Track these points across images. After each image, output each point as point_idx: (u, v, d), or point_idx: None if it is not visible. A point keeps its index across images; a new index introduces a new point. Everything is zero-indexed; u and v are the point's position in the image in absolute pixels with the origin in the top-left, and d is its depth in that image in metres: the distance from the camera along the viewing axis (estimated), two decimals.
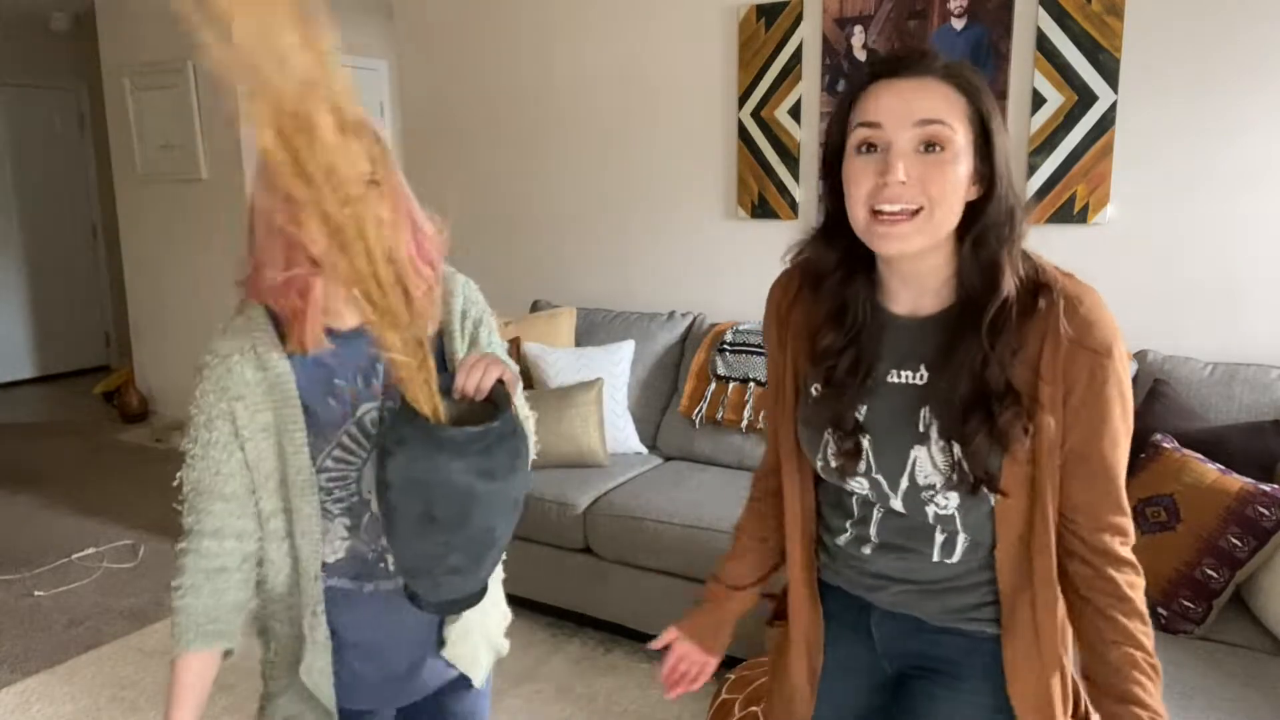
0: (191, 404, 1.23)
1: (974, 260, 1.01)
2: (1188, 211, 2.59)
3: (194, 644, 1.22)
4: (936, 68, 0.99)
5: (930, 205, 0.96)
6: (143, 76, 5.13)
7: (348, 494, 1.25)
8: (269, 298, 1.20)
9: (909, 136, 0.96)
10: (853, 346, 1.08)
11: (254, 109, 0.96)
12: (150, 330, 5.60)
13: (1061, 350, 1.00)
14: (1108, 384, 1.01)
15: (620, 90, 3.53)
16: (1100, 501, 1.03)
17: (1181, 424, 2.25)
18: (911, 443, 1.05)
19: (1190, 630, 1.92)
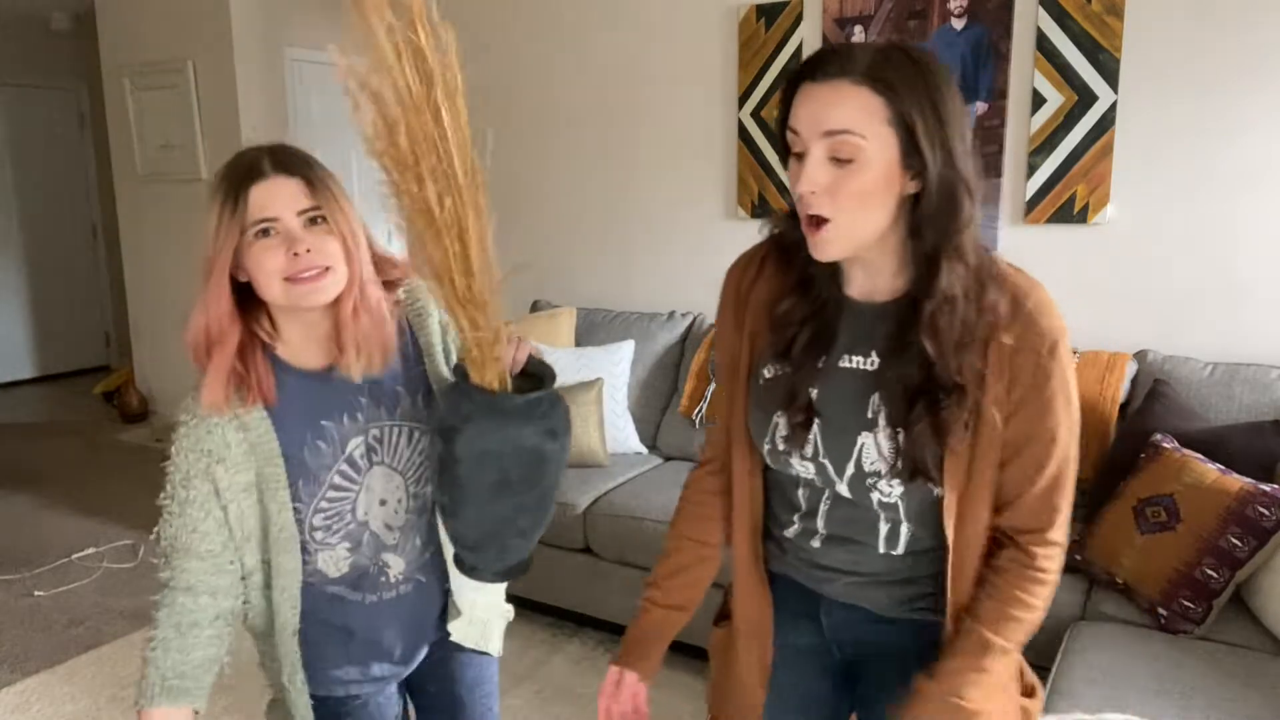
0: (169, 459, 1.22)
1: (916, 253, 1.01)
2: (1188, 211, 2.59)
3: (157, 700, 1.19)
4: (853, 70, 0.94)
5: (835, 215, 0.97)
6: (143, 76, 5.13)
7: (344, 524, 1.25)
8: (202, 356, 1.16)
9: (820, 146, 0.95)
10: (814, 321, 1.09)
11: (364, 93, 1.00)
12: (150, 330, 5.60)
13: (1007, 345, 1.00)
14: (1051, 379, 1.01)
15: (620, 90, 3.53)
16: (1036, 498, 1.05)
17: (1181, 424, 2.25)
18: (859, 429, 1.06)
19: (1190, 630, 1.92)
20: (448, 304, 1.05)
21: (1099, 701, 1.67)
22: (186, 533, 1.20)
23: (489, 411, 1.07)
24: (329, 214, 1.14)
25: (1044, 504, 1.05)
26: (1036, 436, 1.03)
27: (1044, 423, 1.02)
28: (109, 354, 6.99)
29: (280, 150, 1.15)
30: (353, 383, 1.22)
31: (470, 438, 1.06)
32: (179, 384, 5.45)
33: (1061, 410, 1.03)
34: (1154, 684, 1.73)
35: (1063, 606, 2.08)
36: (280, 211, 1.11)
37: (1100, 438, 2.45)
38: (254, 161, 1.13)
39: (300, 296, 1.13)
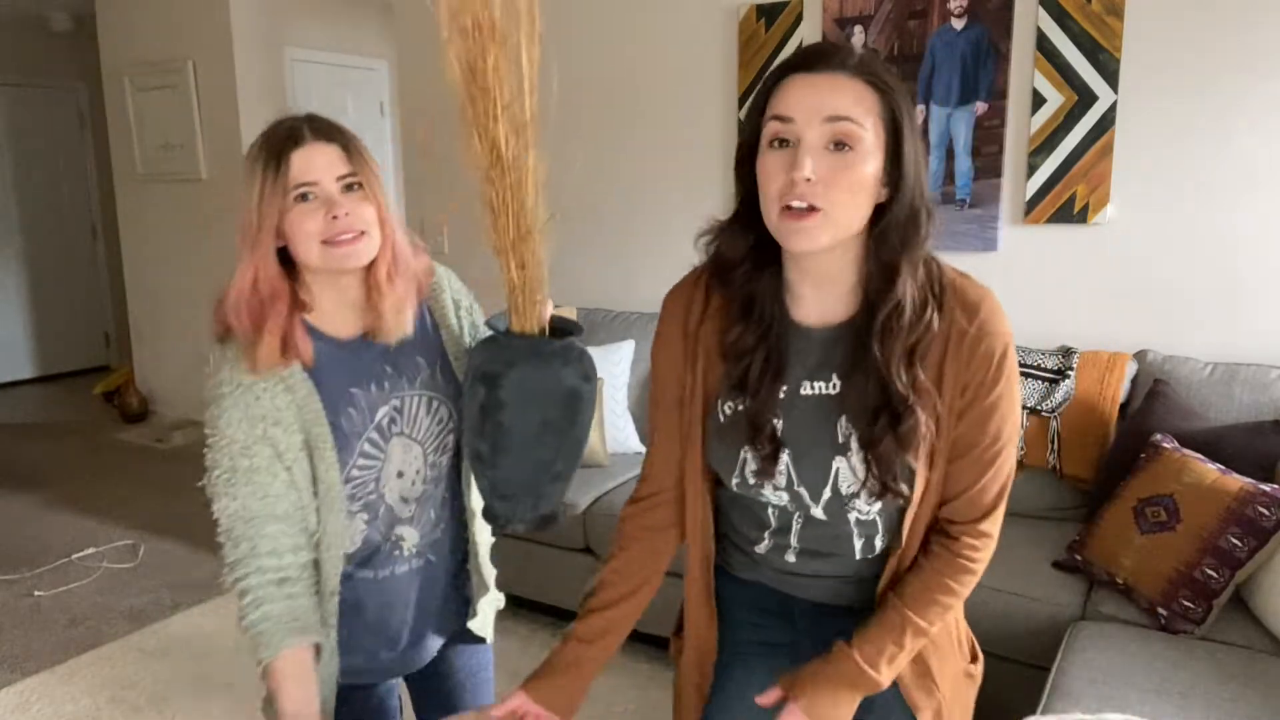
0: (211, 433, 1.20)
1: (876, 261, 1.01)
2: (1188, 211, 2.59)
3: (284, 642, 1.15)
4: (851, 64, 0.96)
5: (830, 206, 0.95)
6: (143, 76, 5.14)
7: (367, 493, 1.27)
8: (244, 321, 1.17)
9: (819, 133, 0.95)
10: (764, 345, 1.07)
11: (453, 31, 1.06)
12: (150, 330, 5.60)
13: (962, 353, 1.02)
14: (999, 383, 1.03)
15: (620, 90, 3.53)
16: (978, 493, 1.08)
17: (1181, 424, 2.25)
18: (833, 454, 1.06)
19: (1190, 630, 1.92)
20: (500, 243, 1.12)
21: (1099, 701, 1.67)
22: (257, 500, 1.18)
23: (532, 354, 1.13)
24: (364, 180, 1.18)
25: (983, 499, 1.08)
26: (983, 437, 1.05)
27: (991, 424, 1.04)
28: (109, 354, 6.99)
29: (317, 118, 1.19)
30: (379, 352, 1.25)
31: (515, 381, 1.12)
32: (179, 384, 5.46)
33: (1007, 412, 1.05)
34: (1154, 684, 1.73)
35: (1063, 607, 2.09)
36: (320, 176, 1.15)
37: (1100, 438, 2.45)
38: (293, 128, 1.16)
39: (337, 259, 1.16)
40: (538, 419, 1.14)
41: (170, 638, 2.90)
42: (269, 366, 1.16)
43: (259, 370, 1.16)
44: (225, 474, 1.19)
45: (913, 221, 0.99)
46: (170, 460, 4.81)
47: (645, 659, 2.70)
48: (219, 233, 5.05)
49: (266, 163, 1.14)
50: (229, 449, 1.18)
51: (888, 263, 1.00)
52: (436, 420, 1.30)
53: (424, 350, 1.30)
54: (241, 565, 1.18)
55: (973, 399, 1.03)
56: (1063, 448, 2.49)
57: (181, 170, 5.10)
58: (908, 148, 0.97)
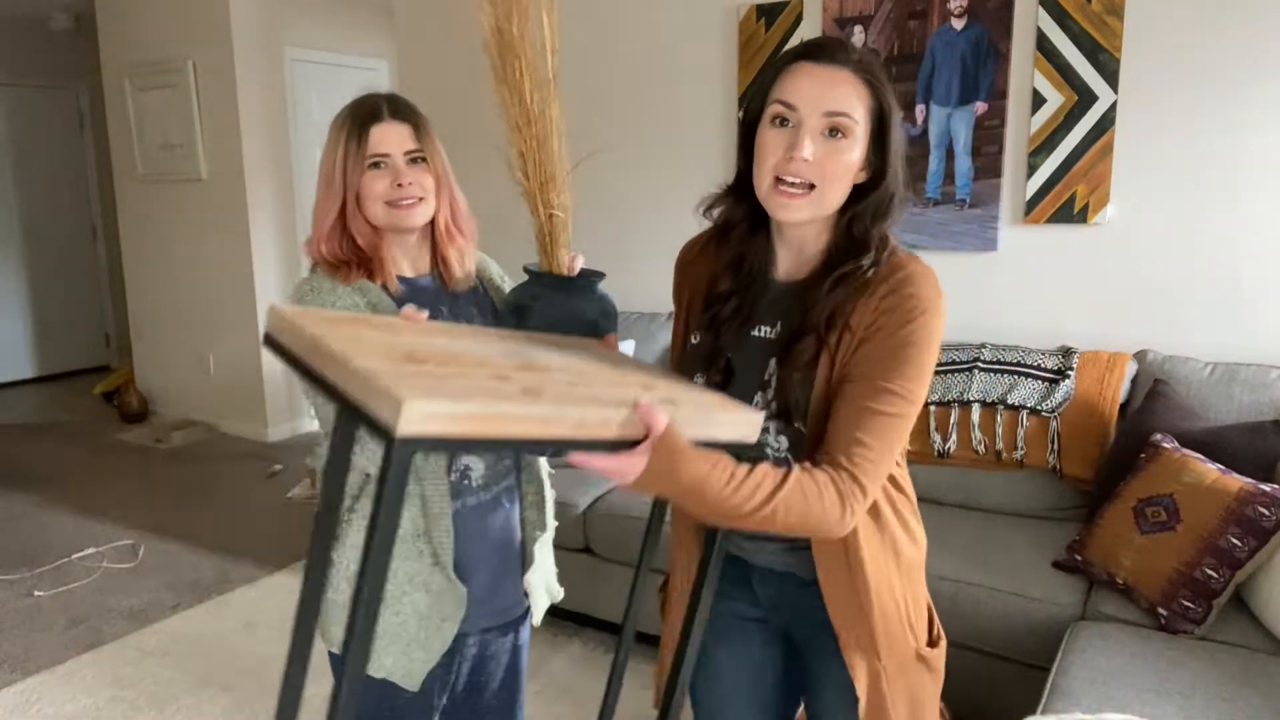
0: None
1: (847, 233, 1.13)
2: (1188, 211, 2.59)
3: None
4: (851, 60, 1.09)
5: (823, 184, 1.09)
6: (143, 76, 5.14)
7: None
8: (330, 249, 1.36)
9: (817, 121, 1.08)
10: (737, 295, 1.20)
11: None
12: (150, 330, 5.60)
13: (867, 305, 1.10)
14: (904, 329, 1.07)
15: (620, 90, 3.53)
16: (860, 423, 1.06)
17: (1181, 424, 2.25)
18: (756, 388, 1.17)
19: (1190, 630, 1.92)
20: (528, 189, 1.29)
21: (1099, 701, 1.67)
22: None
23: (558, 287, 1.31)
24: (428, 155, 1.39)
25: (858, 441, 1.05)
26: (873, 371, 1.07)
27: (886, 362, 1.06)
28: (109, 354, 6.99)
29: (395, 99, 1.40)
30: (436, 294, 1.43)
31: (543, 309, 1.28)
32: (179, 384, 5.46)
33: (909, 363, 1.06)
34: (1154, 684, 1.73)
35: (1063, 606, 2.09)
36: (391, 149, 1.36)
37: (1100, 438, 2.45)
38: (375, 106, 1.37)
39: (397, 218, 1.37)
40: None
41: (170, 638, 2.90)
42: (353, 280, 1.35)
43: (343, 278, 1.34)
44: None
45: (887, 205, 1.13)
46: (170, 460, 4.81)
47: (645, 658, 2.70)
48: (219, 233, 5.05)
49: (350, 132, 1.35)
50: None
51: (860, 238, 1.12)
52: None
53: (476, 304, 1.48)
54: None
55: (874, 334, 1.08)
56: (1063, 448, 2.49)
57: (181, 170, 5.10)
58: (892, 139, 1.11)
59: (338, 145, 1.36)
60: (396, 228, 1.39)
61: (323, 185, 1.38)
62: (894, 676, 1.19)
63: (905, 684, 1.20)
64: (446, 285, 1.45)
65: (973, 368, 2.63)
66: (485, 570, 1.42)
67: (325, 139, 1.40)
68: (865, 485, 1.05)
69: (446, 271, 1.45)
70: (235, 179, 4.91)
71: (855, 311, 1.10)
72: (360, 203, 1.37)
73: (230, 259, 5.04)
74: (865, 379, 1.07)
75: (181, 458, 4.84)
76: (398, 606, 1.34)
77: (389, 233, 1.40)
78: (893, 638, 1.18)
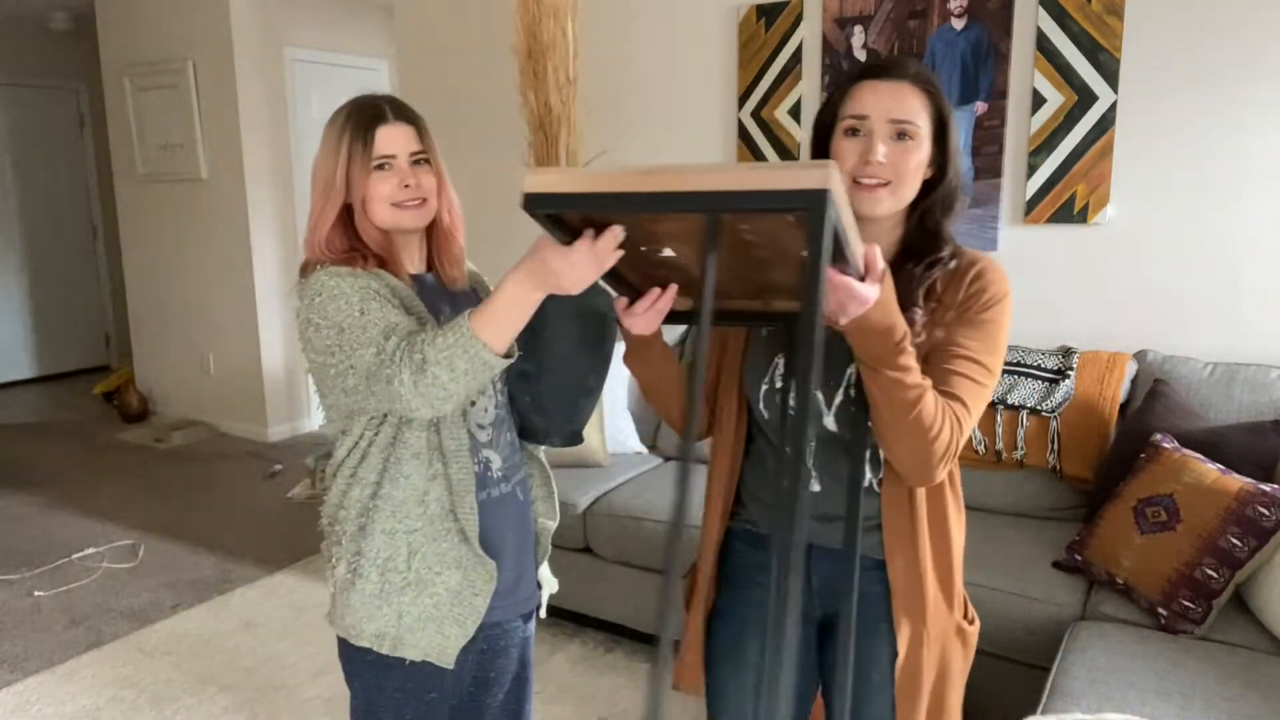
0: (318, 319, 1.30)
1: (920, 226, 1.27)
2: (1188, 211, 2.59)
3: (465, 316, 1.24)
4: (911, 74, 1.24)
5: (897, 179, 1.21)
6: (143, 76, 5.14)
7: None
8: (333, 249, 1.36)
9: (886, 128, 1.21)
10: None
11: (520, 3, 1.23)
12: (150, 330, 5.60)
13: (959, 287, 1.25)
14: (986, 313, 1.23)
15: (620, 89, 3.53)
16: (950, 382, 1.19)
17: (1181, 424, 2.25)
18: (850, 360, 1.23)
19: (1190, 630, 1.92)
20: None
21: (1099, 701, 1.67)
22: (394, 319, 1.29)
23: None
24: (430, 158, 1.41)
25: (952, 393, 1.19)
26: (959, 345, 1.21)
27: (974, 334, 1.21)
28: (109, 354, 6.99)
29: (395, 100, 1.41)
30: (438, 291, 1.44)
31: (556, 302, 1.27)
32: (179, 384, 5.47)
33: (990, 339, 1.22)
34: (1154, 684, 1.73)
35: (1063, 606, 2.09)
36: (397, 150, 1.36)
37: (1100, 438, 2.45)
38: (379, 108, 1.37)
39: (404, 219, 1.38)
40: (575, 335, 1.38)
41: (170, 638, 2.90)
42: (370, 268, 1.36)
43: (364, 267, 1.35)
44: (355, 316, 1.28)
45: (953, 196, 1.27)
46: (170, 460, 4.81)
47: (645, 658, 2.70)
48: (219, 233, 5.05)
49: (355, 134, 1.35)
50: (350, 303, 1.29)
51: (933, 229, 1.26)
52: None
53: (473, 302, 1.45)
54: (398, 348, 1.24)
55: (962, 313, 1.23)
56: (1063, 448, 2.49)
57: (181, 170, 5.10)
58: (951, 139, 1.25)
59: (339, 147, 1.36)
60: (402, 228, 1.39)
61: (320, 188, 1.37)
62: (933, 642, 1.28)
63: (941, 652, 1.30)
64: (444, 284, 1.46)
65: None
66: (510, 560, 1.45)
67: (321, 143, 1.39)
68: (965, 429, 1.19)
69: (445, 271, 1.46)
70: (235, 179, 4.91)
71: (947, 290, 1.25)
72: (365, 204, 1.37)
73: (230, 259, 5.04)
74: (955, 347, 1.21)
75: (181, 458, 4.84)
76: (432, 589, 1.37)
77: (394, 234, 1.41)
78: (939, 607, 1.28)
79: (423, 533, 1.36)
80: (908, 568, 1.27)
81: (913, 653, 1.28)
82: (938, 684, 1.30)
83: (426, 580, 1.37)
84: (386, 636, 1.38)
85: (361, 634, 1.39)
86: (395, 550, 1.37)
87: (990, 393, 1.22)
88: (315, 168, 1.39)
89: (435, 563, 1.37)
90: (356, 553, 1.38)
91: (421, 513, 1.36)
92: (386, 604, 1.37)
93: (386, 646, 1.38)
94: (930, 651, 1.28)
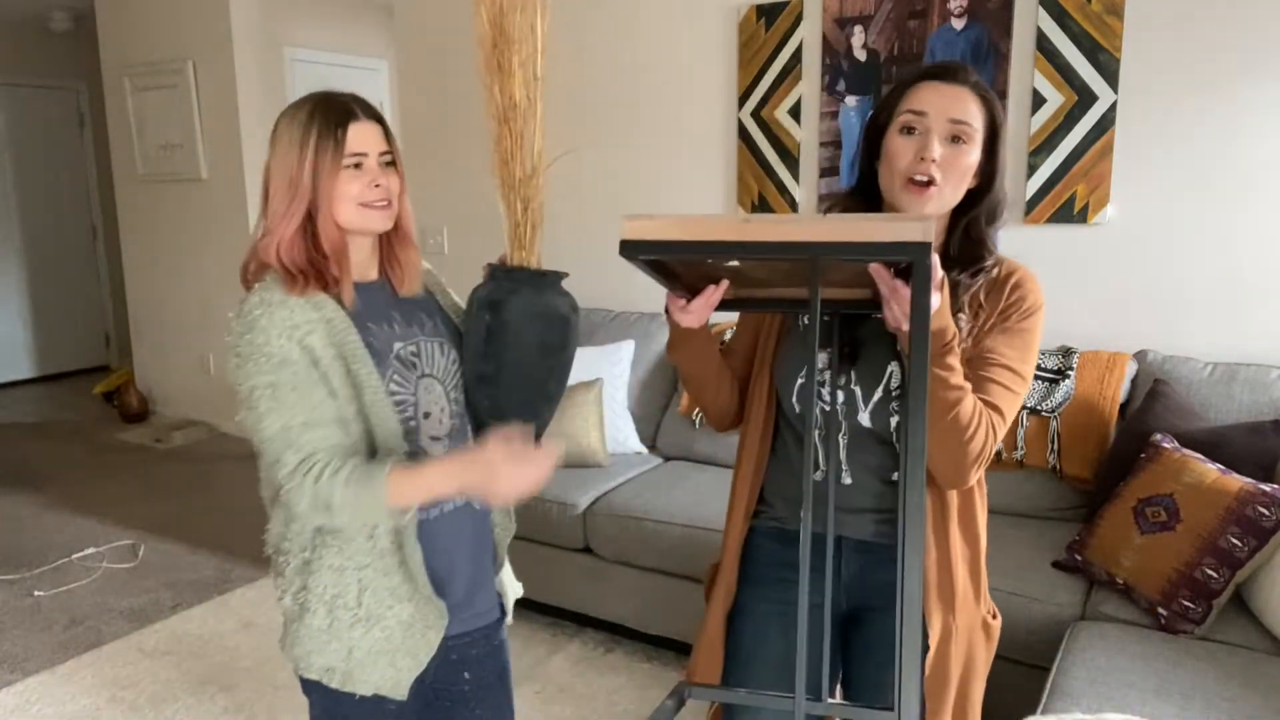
0: (245, 358, 1.26)
1: (964, 235, 1.30)
2: (1188, 211, 2.59)
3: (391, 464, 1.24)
4: (971, 81, 1.28)
5: (946, 181, 1.24)
6: (143, 76, 5.14)
7: (405, 419, 1.33)
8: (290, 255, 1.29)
9: (944, 128, 1.25)
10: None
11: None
12: (150, 330, 5.60)
13: (999, 294, 1.29)
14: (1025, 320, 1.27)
15: (620, 90, 3.53)
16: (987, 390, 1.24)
17: (1181, 424, 2.25)
18: (890, 357, 1.28)
19: (1190, 630, 1.92)
20: (509, 181, 1.31)
21: (1099, 701, 1.67)
22: (308, 409, 1.24)
23: (531, 282, 1.34)
24: (396, 159, 1.36)
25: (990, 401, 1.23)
26: (1004, 349, 1.26)
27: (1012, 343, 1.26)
28: (109, 354, 6.99)
29: (360, 98, 1.35)
30: (389, 299, 1.39)
31: (518, 304, 1.31)
32: (179, 384, 5.46)
33: (1026, 349, 1.27)
34: (1154, 684, 1.73)
35: (1063, 607, 2.09)
36: (368, 149, 1.31)
37: (1100, 438, 2.45)
38: (347, 105, 1.32)
39: (370, 219, 1.33)
40: (537, 339, 1.33)
41: (170, 638, 2.90)
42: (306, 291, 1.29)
43: (298, 292, 1.28)
44: (267, 389, 1.24)
45: (999, 205, 1.31)
46: (170, 460, 4.81)
47: (644, 658, 2.70)
48: (219, 233, 5.05)
49: (324, 131, 1.28)
50: (268, 364, 1.24)
51: (978, 238, 1.30)
52: (450, 360, 1.42)
53: (425, 308, 1.44)
54: (304, 465, 1.23)
55: (1002, 321, 1.27)
56: (1063, 448, 2.49)
57: (181, 170, 5.10)
58: (1001, 150, 1.29)
59: (306, 144, 1.28)
60: (367, 230, 1.34)
61: (283, 187, 1.30)
62: (961, 635, 1.31)
63: (968, 645, 1.32)
64: (396, 291, 1.40)
65: None
66: (462, 576, 1.41)
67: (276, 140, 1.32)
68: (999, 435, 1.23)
69: (399, 276, 1.40)
70: (235, 179, 4.91)
71: (989, 297, 1.29)
72: (331, 205, 1.30)
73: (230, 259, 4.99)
74: (993, 355, 1.25)
75: (181, 458, 4.84)
76: (383, 623, 1.32)
77: (351, 237, 1.35)
78: (968, 600, 1.32)
79: (373, 568, 1.31)
80: (940, 559, 1.30)
81: (942, 646, 1.29)
82: (964, 677, 1.32)
83: (377, 615, 1.32)
84: (336, 671, 1.33)
85: (310, 667, 1.35)
86: (344, 587, 1.31)
87: (1024, 395, 1.27)
88: (270, 166, 1.31)
89: (387, 597, 1.32)
90: (302, 587, 1.33)
91: (371, 547, 1.31)
92: (335, 639, 1.32)
93: (336, 681, 1.33)
94: (958, 645, 1.30)
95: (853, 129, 3.05)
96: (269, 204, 1.31)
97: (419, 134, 4.08)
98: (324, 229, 1.30)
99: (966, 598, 1.31)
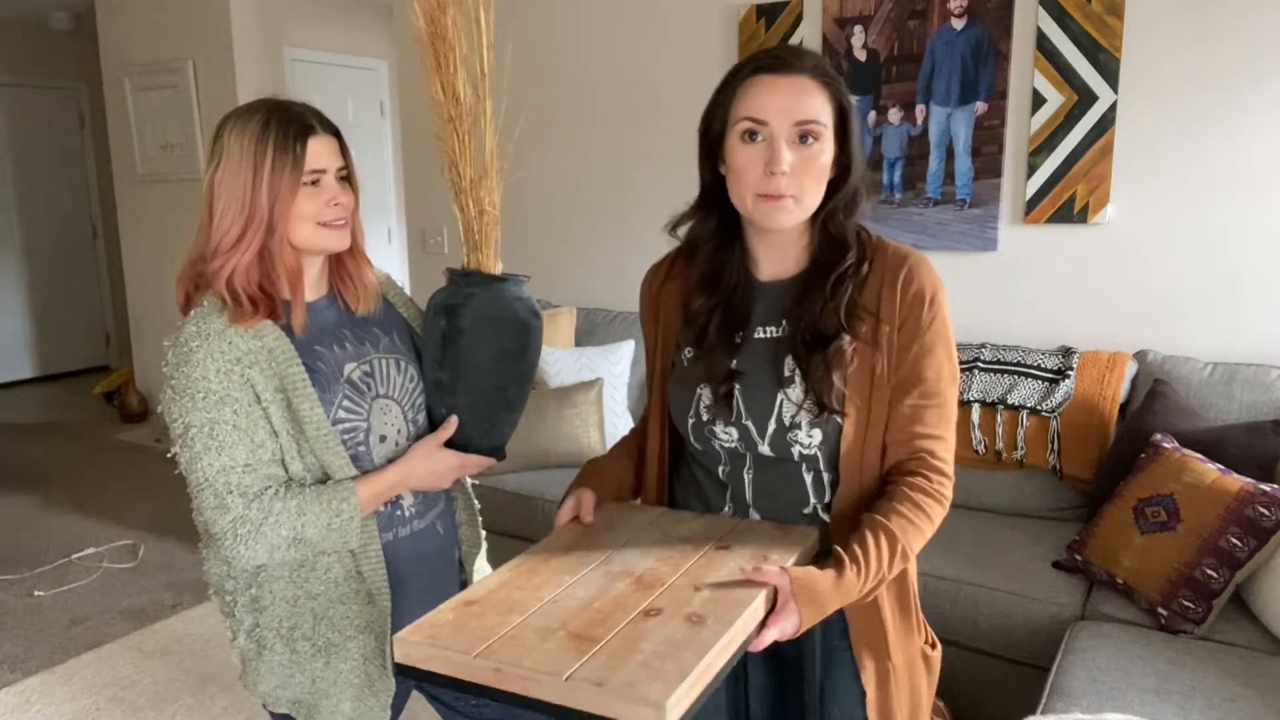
0: (182, 393, 1.19)
1: (825, 231, 1.18)
2: (1188, 211, 2.59)
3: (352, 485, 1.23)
4: (810, 67, 1.12)
5: (801, 192, 1.12)
6: (143, 76, 5.14)
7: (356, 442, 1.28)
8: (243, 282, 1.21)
9: (789, 132, 1.10)
10: (722, 307, 1.22)
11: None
12: (150, 330, 5.60)
13: (894, 288, 1.16)
14: (934, 324, 1.16)
15: (620, 90, 3.53)
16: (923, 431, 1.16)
17: (1181, 424, 2.25)
18: (777, 387, 1.18)
19: (1190, 630, 1.92)
20: (459, 184, 1.27)
21: (1099, 701, 1.67)
22: (248, 450, 1.19)
23: (488, 285, 1.30)
24: (351, 175, 1.29)
25: (931, 433, 1.16)
26: (926, 373, 1.15)
27: (930, 363, 1.15)
28: (109, 354, 6.99)
29: (314, 110, 1.28)
30: (339, 317, 1.33)
31: (474, 308, 1.27)
32: None
33: (944, 356, 1.17)
34: (1154, 684, 1.73)
35: (1063, 607, 2.09)
36: (327, 165, 1.24)
37: (1100, 438, 2.45)
38: (304, 118, 1.24)
39: (327, 239, 1.26)
40: (495, 345, 1.29)
41: (170, 638, 2.90)
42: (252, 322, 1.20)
43: (243, 323, 1.19)
44: (205, 428, 1.18)
45: (856, 198, 1.17)
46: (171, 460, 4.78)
47: None
48: None
49: (281, 145, 1.20)
50: (204, 401, 1.18)
51: (838, 233, 1.17)
52: (408, 378, 1.35)
53: (381, 323, 1.37)
54: (254, 508, 1.18)
55: (910, 338, 1.16)
56: (1063, 448, 2.49)
57: (181, 170, 5.10)
58: (853, 133, 1.14)
59: (261, 160, 1.19)
60: (324, 250, 1.27)
61: (234, 208, 1.19)
62: (900, 674, 1.23)
63: (910, 683, 1.24)
64: (350, 308, 1.34)
65: (973, 367, 2.63)
66: (425, 598, 1.32)
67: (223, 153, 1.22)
68: (948, 472, 1.16)
69: (353, 294, 1.34)
70: None
71: (883, 302, 1.16)
72: (287, 224, 1.21)
73: None
74: (918, 381, 1.15)
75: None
76: (345, 654, 1.29)
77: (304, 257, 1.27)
78: (900, 638, 1.22)
79: (326, 596, 1.27)
80: (860, 608, 1.18)
81: (882, 689, 1.21)
82: (911, 714, 1.25)
83: (337, 645, 1.28)
84: (303, 704, 1.30)
85: (278, 701, 1.31)
86: (299, 618, 1.27)
87: (955, 400, 1.19)
88: (216, 181, 1.21)
89: (345, 626, 1.28)
90: (255, 624, 1.28)
91: (324, 575, 1.26)
92: (299, 671, 1.28)
93: (303, 714, 1.31)
94: (899, 685, 1.22)
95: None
96: (214, 222, 1.21)
97: (419, 134, 4.08)
98: (279, 252, 1.21)
99: (898, 634, 1.21)
